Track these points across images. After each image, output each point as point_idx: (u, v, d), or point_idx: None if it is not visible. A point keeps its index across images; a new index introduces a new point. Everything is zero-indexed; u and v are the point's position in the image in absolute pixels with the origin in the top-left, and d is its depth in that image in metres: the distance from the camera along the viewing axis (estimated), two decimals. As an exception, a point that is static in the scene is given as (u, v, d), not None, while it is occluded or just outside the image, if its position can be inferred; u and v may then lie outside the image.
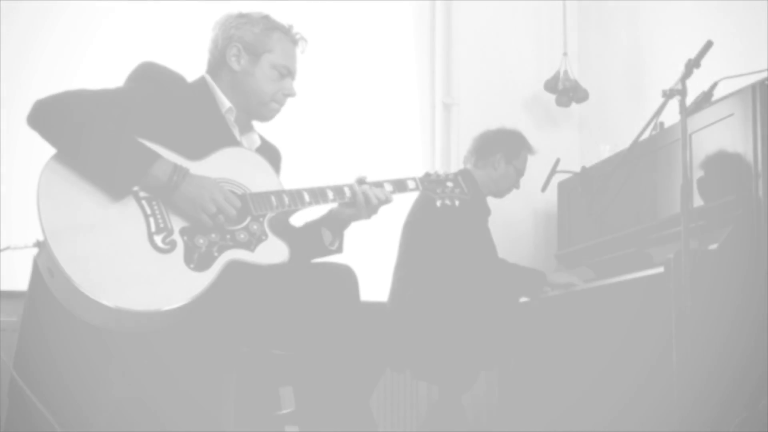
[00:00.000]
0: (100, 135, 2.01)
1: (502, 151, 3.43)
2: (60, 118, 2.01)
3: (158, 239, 2.00)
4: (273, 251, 2.11)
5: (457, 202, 2.41)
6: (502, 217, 3.70)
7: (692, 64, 2.56)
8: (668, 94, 2.54)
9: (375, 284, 3.29)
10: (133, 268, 1.94)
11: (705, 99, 2.82)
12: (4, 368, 2.22)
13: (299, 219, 2.43)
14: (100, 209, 1.99)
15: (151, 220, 2.02)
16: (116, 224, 1.98)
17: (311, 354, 2.01)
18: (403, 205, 3.30)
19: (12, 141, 3.20)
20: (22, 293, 2.27)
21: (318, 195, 2.22)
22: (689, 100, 2.61)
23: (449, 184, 2.42)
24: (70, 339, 2.10)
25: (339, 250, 2.41)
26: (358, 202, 2.25)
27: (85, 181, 2.00)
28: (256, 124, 2.42)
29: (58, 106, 2.02)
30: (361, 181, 2.30)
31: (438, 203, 2.39)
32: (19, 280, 2.59)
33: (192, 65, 2.39)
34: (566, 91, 4.10)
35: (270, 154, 2.39)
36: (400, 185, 2.35)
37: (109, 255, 1.94)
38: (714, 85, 2.80)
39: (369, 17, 4.03)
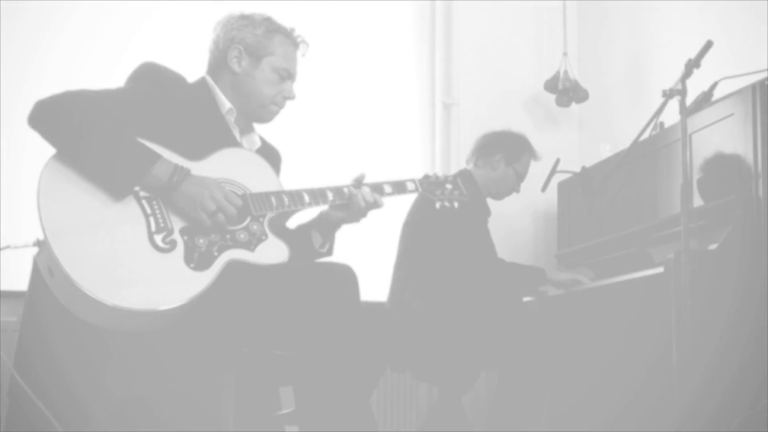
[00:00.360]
0: (101, 135, 2.01)
1: (502, 152, 3.41)
2: (60, 119, 2.00)
3: (158, 239, 2.00)
4: (273, 251, 2.11)
5: (456, 204, 2.41)
6: (502, 217, 3.70)
7: (692, 64, 2.56)
8: (668, 94, 2.54)
9: (375, 284, 3.30)
10: (133, 268, 1.94)
11: (705, 99, 2.82)
12: (4, 368, 2.22)
13: (298, 221, 2.43)
14: (100, 208, 1.99)
15: (151, 219, 2.02)
16: (116, 223, 1.98)
17: (311, 354, 2.01)
18: (402, 205, 3.30)
19: (13, 140, 3.20)
20: (22, 293, 2.27)
21: (318, 196, 2.23)
22: (689, 100, 2.61)
23: (448, 186, 2.42)
24: (70, 339, 2.10)
25: (329, 252, 2.40)
26: (351, 204, 2.25)
27: (86, 180, 2.00)
28: (257, 125, 2.42)
29: (58, 106, 2.02)
30: (359, 180, 2.30)
31: (437, 205, 2.40)
32: (19, 280, 2.59)
33: (193, 65, 2.39)
34: (566, 91, 4.10)
35: (270, 155, 2.39)
36: (399, 187, 2.35)
37: (109, 254, 1.94)
38: (714, 85, 2.80)
39: (369, 17, 4.03)
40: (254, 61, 2.31)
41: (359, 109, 3.95)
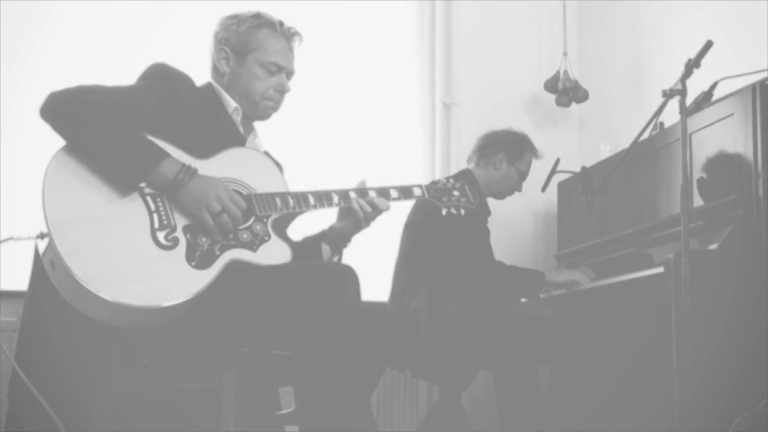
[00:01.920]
0: (111, 130, 2.02)
1: (504, 152, 3.40)
2: (72, 111, 2.01)
3: (161, 236, 2.01)
4: (275, 252, 2.11)
5: (462, 212, 2.40)
6: (502, 217, 3.70)
7: (692, 64, 2.56)
8: (668, 94, 2.54)
9: (375, 284, 3.29)
10: (135, 264, 1.95)
11: (705, 99, 2.82)
12: (4, 368, 2.22)
13: (298, 222, 2.42)
14: (104, 203, 2.00)
15: (155, 216, 2.03)
16: (120, 219, 1.99)
17: (311, 354, 2.01)
18: (403, 206, 3.30)
19: (15, 133, 3.20)
20: (22, 293, 2.27)
21: (323, 198, 2.22)
22: (689, 100, 2.61)
23: (455, 193, 2.40)
24: (71, 334, 2.10)
25: None
26: (355, 212, 2.24)
27: (92, 174, 2.01)
28: (260, 129, 2.42)
29: (71, 99, 2.03)
30: (361, 186, 2.29)
31: (443, 212, 2.38)
32: (19, 280, 2.59)
33: (199, 66, 2.39)
34: (566, 91, 4.10)
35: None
36: (406, 192, 2.34)
37: (111, 249, 1.94)
38: (714, 85, 2.81)
39: (369, 17, 4.03)
40: (240, 60, 2.32)
41: (359, 109, 3.95)
